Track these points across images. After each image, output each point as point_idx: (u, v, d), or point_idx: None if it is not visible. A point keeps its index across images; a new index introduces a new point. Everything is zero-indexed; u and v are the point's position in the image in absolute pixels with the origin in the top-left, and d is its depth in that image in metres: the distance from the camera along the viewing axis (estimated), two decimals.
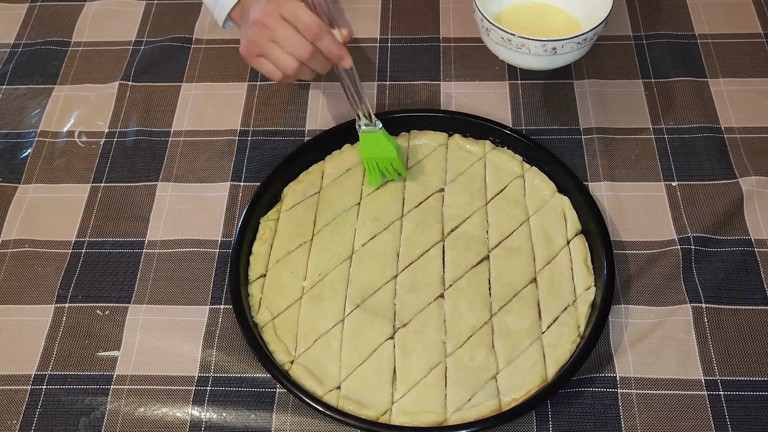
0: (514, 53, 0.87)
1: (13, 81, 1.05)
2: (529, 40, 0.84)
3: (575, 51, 0.87)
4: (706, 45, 1.04)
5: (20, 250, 0.87)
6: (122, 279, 0.85)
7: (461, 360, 0.76)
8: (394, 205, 0.87)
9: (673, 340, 0.78)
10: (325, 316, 0.80)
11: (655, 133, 0.94)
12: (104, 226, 0.89)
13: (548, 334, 0.78)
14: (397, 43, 1.06)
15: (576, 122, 0.96)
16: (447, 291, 0.81)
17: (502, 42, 0.86)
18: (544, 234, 0.84)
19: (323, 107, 0.99)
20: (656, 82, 0.99)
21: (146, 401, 0.76)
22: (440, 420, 0.73)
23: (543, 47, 0.85)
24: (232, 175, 0.93)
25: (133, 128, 0.98)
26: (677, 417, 0.73)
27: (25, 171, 0.95)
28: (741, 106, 0.96)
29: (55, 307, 0.83)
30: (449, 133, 0.94)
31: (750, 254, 0.83)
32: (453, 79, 1.01)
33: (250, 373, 0.78)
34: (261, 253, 0.84)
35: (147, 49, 1.07)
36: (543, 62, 0.88)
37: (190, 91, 1.02)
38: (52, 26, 1.12)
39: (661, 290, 0.81)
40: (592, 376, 0.76)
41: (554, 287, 0.80)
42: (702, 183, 0.90)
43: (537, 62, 0.88)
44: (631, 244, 0.85)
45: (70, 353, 0.80)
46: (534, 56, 0.86)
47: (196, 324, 0.81)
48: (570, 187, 0.86)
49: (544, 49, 0.85)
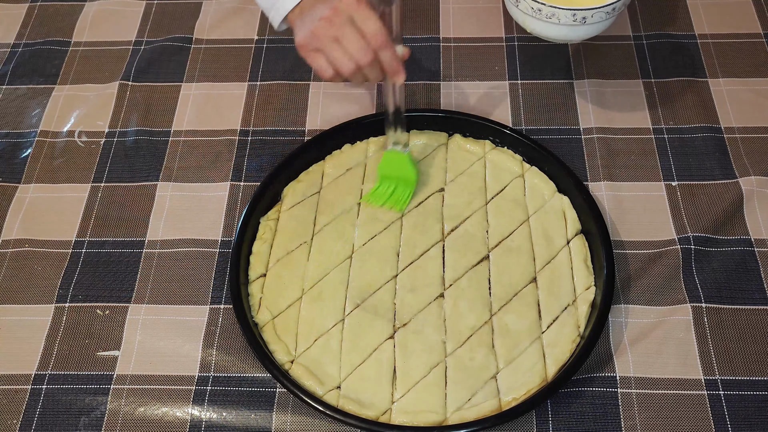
0: (543, 23, 0.87)
1: (13, 81, 1.05)
2: (559, 9, 0.84)
3: (603, 21, 0.87)
4: (706, 45, 1.04)
5: (20, 250, 0.87)
6: (122, 279, 0.85)
7: (461, 360, 0.76)
8: None
9: (673, 339, 0.78)
10: (325, 316, 0.80)
11: (655, 133, 0.94)
12: (104, 226, 0.89)
13: (548, 333, 0.78)
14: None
15: (576, 122, 0.96)
16: (447, 291, 0.81)
17: (532, 12, 0.86)
18: (544, 234, 0.84)
19: (323, 107, 0.99)
20: (656, 82, 0.99)
21: (146, 401, 0.76)
22: (440, 420, 0.73)
23: (573, 16, 0.85)
24: (232, 175, 0.93)
25: (133, 128, 0.98)
26: (677, 417, 0.73)
27: (25, 171, 0.95)
28: (741, 106, 0.96)
29: (55, 307, 0.83)
30: (449, 133, 0.94)
31: (750, 254, 0.83)
32: (453, 79, 1.01)
33: (250, 373, 0.78)
34: (261, 252, 0.84)
35: (147, 49, 1.07)
36: (572, 32, 0.88)
37: (190, 91, 1.02)
38: (52, 26, 1.12)
39: (661, 290, 0.81)
40: (592, 376, 0.76)
41: (554, 287, 0.80)
42: (702, 183, 0.90)
43: (566, 32, 0.88)
44: (631, 243, 0.85)
45: (70, 353, 0.80)
46: (563, 26, 0.86)
47: (197, 324, 0.81)
48: (570, 187, 0.86)
49: (574, 19, 0.85)
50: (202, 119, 0.99)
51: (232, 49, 1.06)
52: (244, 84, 1.02)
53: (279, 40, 1.07)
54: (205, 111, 1.00)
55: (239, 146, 0.96)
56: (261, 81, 1.02)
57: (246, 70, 1.04)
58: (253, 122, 0.98)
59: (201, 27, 1.09)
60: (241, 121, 0.98)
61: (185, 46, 1.07)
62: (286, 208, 0.88)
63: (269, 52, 1.06)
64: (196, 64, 1.05)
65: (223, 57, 1.06)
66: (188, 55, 1.06)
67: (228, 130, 0.97)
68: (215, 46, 1.07)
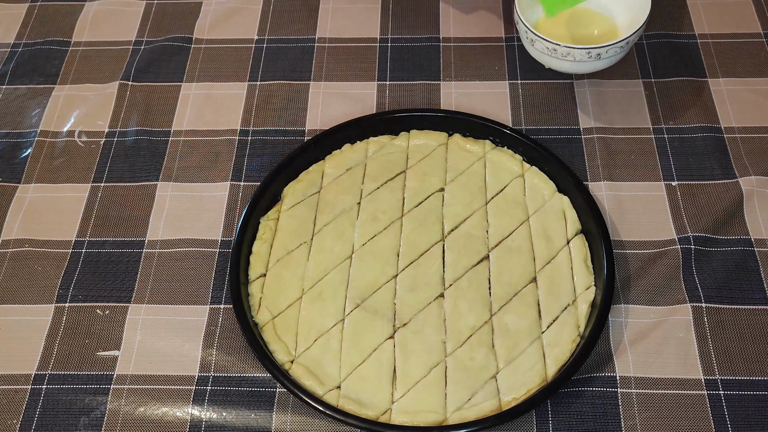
0: (559, 61, 0.89)
1: (13, 81, 1.05)
2: (574, 48, 0.86)
3: (618, 54, 0.89)
4: (706, 45, 1.03)
5: (20, 250, 0.87)
6: (122, 279, 0.85)
7: (461, 359, 0.76)
8: (394, 205, 0.87)
9: (673, 339, 0.78)
10: (325, 316, 0.80)
11: (655, 133, 0.94)
12: (104, 226, 0.89)
13: (548, 333, 0.78)
14: (397, 43, 1.06)
15: (576, 122, 0.96)
16: (447, 290, 0.81)
17: (548, 51, 0.88)
18: (544, 234, 0.84)
19: (323, 107, 0.99)
20: (656, 82, 0.99)
21: (146, 401, 0.76)
22: (440, 419, 0.73)
23: (588, 54, 0.86)
24: (232, 175, 0.93)
25: (133, 128, 0.98)
26: (677, 416, 0.73)
27: (25, 171, 0.95)
28: (741, 106, 0.96)
29: (55, 307, 0.83)
30: (449, 133, 0.94)
31: (750, 254, 0.83)
32: (453, 79, 1.01)
33: (250, 373, 0.78)
34: (261, 252, 0.84)
35: (147, 49, 1.07)
36: (587, 67, 0.90)
37: (190, 91, 1.02)
38: (52, 26, 1.12)
39: (661, 290, 0.81)
40: (592, 376, 0.76)
41: (554, 287, 0.80)
42: (702, 183, 0.90)
43: (581, 67, 0.90)
44: (631, 243, 0.85)
45: (70, 353, 0.80)
46: (579, 63, 0.88)
47: (196, 324, 0.81)
48: (570, 186, 0.86)
49: (589, 56, 0.87)
50: (202, 119, 0.99)
51: (232, 49, 1.06)
52: (244, 84, 1.02)
53: (279, 40, 1.07)
54: (205, 111, 1.00)
55: (239, 146, 0.96)
56: (261, 81, 1.02)
57: (246, 70, 1.04)
58: (253, 122, 0.98)
59: (201, 27, 1.09)
60: (241, 121, 0.98)
61: (185, 46, 1.07)
62: (286, 208, 0.88)
63: (269, 52, 1.06)
64: (196, 64, 1.05)
65: (223, 57, 1.06)
66: (188, 55, 1.06)
67: (228, 130, 0.97)
68: (215, 46, 1.07)
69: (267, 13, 1.10)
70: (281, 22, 1.09)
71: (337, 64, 1.04)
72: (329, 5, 1.11)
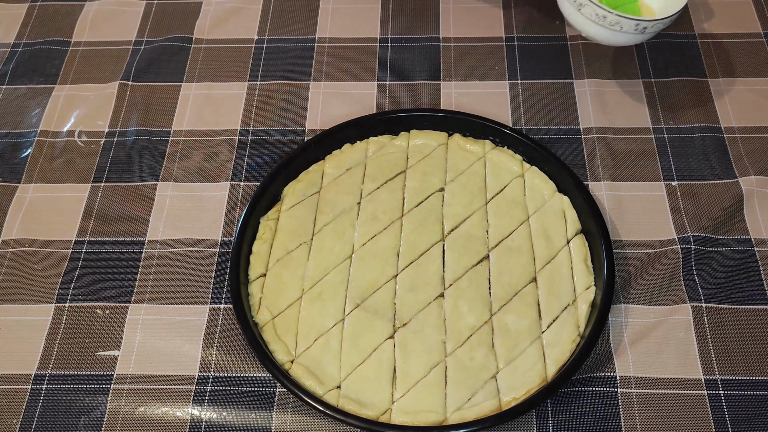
0: (605, 30, 0.88)
1: (13, 81, 1.05)
2: (624, 18, 0.85)
3: (659, 31, 0.89)
4: (706, 45, 1.04)
5: (20, 249, 0.87)
6: (122, 279, 0.85)
7: (461, 359, 0.76)
8: (394, 205, 0.87)
9: (673, 339, 0.78)
10: (325, 316, 0.80)
11: (655, 133, 0.94)
12: (104, 226, 0.89)
13: (548, 333, 0.78)
14: (397, 42, 1.06)
15: (576, 122, 0.96)
16: (447, 290, 0.81)
17: (596, 18, 0.87)
18: (544, 233, 0.84)
19: (323, 107, 0.99)
20: (656, 82, 1.00)
21: (146, 401, 0.76)
22: (440, 419, 0.73)
23: (636, 26, 0.86)
24: (232, 175, 0.93)
25: (133, 128, 0.98)
26: (677, 416, 0.73)
27: (25, 171, 0.95)
28: (741, 106, 0.97)
29: (55, 307, 0.83)
30: (449, 133, 0.94)
31: (750, 254, 0.83)
32: (453, 79, 1.01)
33: (250, 373, 0.78)
34: (261, 252, 0.84)
35: (147, 49, 1.07)
36: (626, 39, 0.89)
37: (190, 91, 1.02)
38: (52, 26, 1.12)
39: (661, 290, 0.81)
40: (592, 376, 0.76)
41: (554, 287, 0.80)
42: (702, 183, 0.90)
43: (622, 39, 0.89)
44: (631, 243, 0.85)
45: (70, 353, 0.80)
46: (624, 34, 0.87)
47: (197, 323, 0.81)
48: (570, 186, 0.86)
49: (636, 28, 0.86)
50: (202, 119, 0.99)
51: (232, 49, 1.06)
52: (244, 84, 1.02)
53: (279, 40, 1.07)
54: (205, 111, 1.00)
55: (239, 146, 0.96)
56: (261, 81, 1.02)
57: (246, 70, 1.04)
58: (253, 122, 0.98)
59: (201, 27, 1.09)
60: (241, 121, 0.98)
61: (185, 46, 1.07)
62: (286, 208, 0.88)
63: (269, 52, 1.06)
64: (196, 64, 1.05)
65: (223, 57, 1.06)
66: (188, 55, 1.06)
67: (228, 130, 0.97)
68: (215, 46, 1.07)
69: (267, 13, 1.11)
70: (281, 22, 1.09)
71: (337, 64, 1.04)
72: (329, 5, 1.11)
